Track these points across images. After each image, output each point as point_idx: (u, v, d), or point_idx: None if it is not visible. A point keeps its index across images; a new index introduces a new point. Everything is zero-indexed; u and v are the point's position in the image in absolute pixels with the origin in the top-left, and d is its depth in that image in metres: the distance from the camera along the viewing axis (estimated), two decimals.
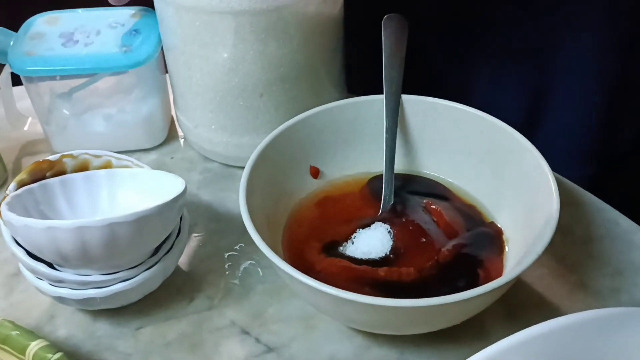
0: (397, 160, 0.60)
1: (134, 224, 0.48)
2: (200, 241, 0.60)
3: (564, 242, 0.59)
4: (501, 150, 0.56)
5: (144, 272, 0.52)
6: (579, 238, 0.59)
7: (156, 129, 0.70)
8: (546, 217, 0.49)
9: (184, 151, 0.70)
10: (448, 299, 0.44)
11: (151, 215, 0.49)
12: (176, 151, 0.70)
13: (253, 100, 0.62)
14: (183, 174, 0.67)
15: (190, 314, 0.55)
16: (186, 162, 0.69)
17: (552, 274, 0.57)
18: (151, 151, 0.70)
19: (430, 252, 0.53)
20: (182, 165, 0.68)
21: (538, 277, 0.56)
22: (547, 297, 0.55)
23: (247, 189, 0.52)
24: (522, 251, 0.51)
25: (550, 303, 0.54)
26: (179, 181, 0.54)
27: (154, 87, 0.68)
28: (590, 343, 0.38)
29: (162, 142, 0.71)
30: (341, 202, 0.59)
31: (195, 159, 0.69)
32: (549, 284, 0.56)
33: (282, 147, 0.57)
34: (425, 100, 0.59)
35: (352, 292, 0.44)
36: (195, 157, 0.69)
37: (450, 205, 0.57)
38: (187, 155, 0.69)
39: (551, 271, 0.57)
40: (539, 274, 0.56)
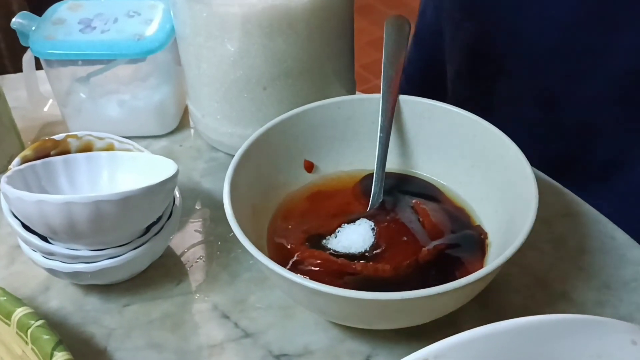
0: (392, 160, 0.61)
1: (119, 203, 0.50)
2: (195, 227, 0.62)
3: (556, 253, 0.59)
4: (492, 155, 0.56)
5: (132, 251, 0.54)
6: (572, 249, 0.59)
7: (167, 116, 0.72)
8: (523, 224, 0.49)
9: (193, 140, 0.72)
10: (409, 295, 0.45)
11: (136, 196, 0.51)
12: (186, 140, 0.72)
13: (257, 93, 0.63)
14: (189, 162, 0.69)
15: (176, 296, 0.57)
16: (194, 150, 0.71)
17: (538, 283, 0.56)
18: (162, 138, 0.72)
19: (411, 251, 0.53)
20: (190, 153, 0.70)
21: (523, 285, 0.56)
22: (529, 306, 0.55)
23: (233, 177, 0.53)
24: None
25: (530, 311, 0.54)
26: (173, 166, 0.56)
27: (168, 76, 0.71)
28: (534, 349, 0.38)
29: (174, 130, 0.73)
30: (332, 197, 0.60)
31: (202, 148, 0.71)
32: (532, 293, 0.56)
33: (276, 139, 0.58)
34: (422, 101, 0.59)
35: (319, 283, 0.46)
36: (203, 146, 0.71)
37: (439, 206, 0.58)
38: (196, 144, 0.71)
39: (538, 280, 0.57)
40: (525, 282, 0.56)
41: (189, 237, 0.62)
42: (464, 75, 0.77)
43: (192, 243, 0.61)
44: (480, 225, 0.56)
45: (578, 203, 0.63)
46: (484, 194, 0.57)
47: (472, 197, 0.58)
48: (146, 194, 0.52)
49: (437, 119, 0.59)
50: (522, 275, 0.57)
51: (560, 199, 0.64)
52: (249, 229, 0.52)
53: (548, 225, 0.61)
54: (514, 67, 0.70)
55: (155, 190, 0.53)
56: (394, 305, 0.46)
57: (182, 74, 0.70)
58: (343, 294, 0.45)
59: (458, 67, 0.77)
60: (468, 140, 0.58)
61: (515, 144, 0.55)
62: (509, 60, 0.70)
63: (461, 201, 0.59)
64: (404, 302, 0.45)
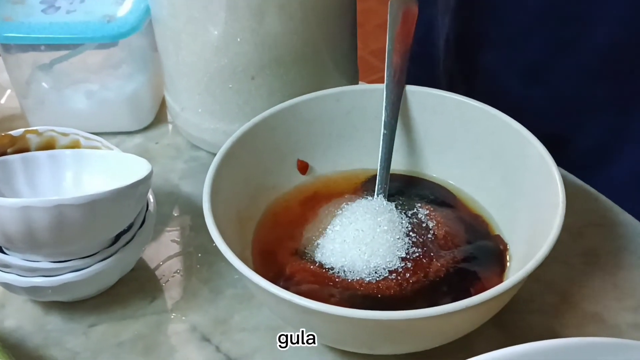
0: (399, 160, 0.62)
1: (85, 207, 0.51)
2: (172, 236, 0.64)
3: (586, 267, 0.59)
4: (513, 155, 0.57)
5: (99, 263, 0.55)
6: (605, 264, 0.60)
7: (142, 110, 0.73)
8: (547, 234, 0.50)
9: (171, 137, 0.73)
10: (416, 314, 0.45)
11: (105, 200, 0.52)
12: (163, 137, 0.74)
13: (244, 83, 0.64)
14: (166, 161, 0.71)
15: (149, 314, 0.58)
16: (172, 149, 0.72)
17: (566, 301, 0.57)
18: (136, 134, 0.74)
19: (419, 265, 0.54)
20: (167, 152, 0.72)
21: (548, 304, 0.57)
22: (554, 328, 0.55)
23: (214, 179, 0.54)
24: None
25: (556, 334, 0.55)
26: (147, 167, 0.57)
27: (142, 64, 0.72)
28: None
29: (149, 125, 0.74)
30: (329, 202, 0.60)
31: (182, 147, 0.72)
32: (559, 314, 0.56)
33: (265, 136, 0.59)
34: (432, 92, 0.60)
35: (312, 300, 0.46)
36: (182, 144, 0.72)
37: (453, 213, 0.59)
38: (174, 141, 0.73)
39: (565, 298, 0.57)
40: (550, 301, 0.57)
41: (164, 247, 0.63)
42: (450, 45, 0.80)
43: (168, 255, 0.62)
44: (500, 235, 0.57)
45: (613, 210, 0.64)
46: (504, 199, 0.58)
47: (490, 203, 0.59)
48: (116, 198, 0.53)
49: (450, 112, 0.60)
50: (546, 293, 0.58)
51: (592, 205, 0.64)
52: (233, 239, 0.53)
53: (578, 236, 0.61)
54: (498, 36, 0.73)
55: (126, 194, 0.54)
56: (399, 326, 0.47)
57: (158, 61, 0.71)
58: (339, 312, 0.46)
59: (446, 36, 0.80)
60: (485, 138, 0.59)
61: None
62: (493, 28, 0.73)
63: (478, 207, 0.60)
64: (409, 323, 0.46)
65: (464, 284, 0.54)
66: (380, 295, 0.53)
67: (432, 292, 0.53)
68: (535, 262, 0.48)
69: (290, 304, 0.47)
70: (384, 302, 0.52)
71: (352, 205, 0.58)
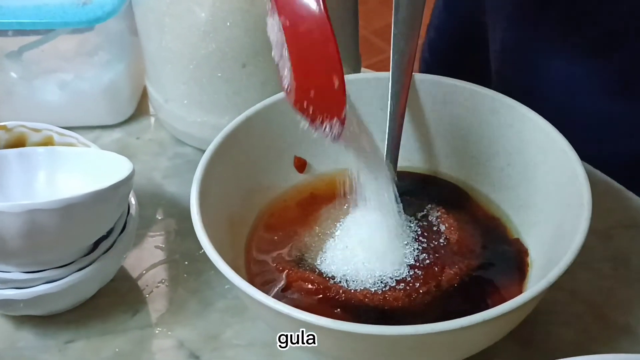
0: (407, 156, 0.62)
1: (60, 212, 0.51)
2: (156, 242, 0.63)
3: (616, 274, 0.59)
4: (534, 151, 0.57)
5: (75, 273, 0.55)
6: (637, 269, 0.59)
7: (121, 101, 0.73)
8: (572, 238, 0.50)
9: (153, 131, 0.73)
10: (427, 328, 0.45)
11: (82, 204, 0.51)
12: (144, 131, 0.73)
13: (234, 71, 0.64)
14: (149, 159, 0.70)
15: (131, 329, 0.57)
16: (155, 144, 0.72)
17: (594, 313, 0.57)
18: (115, 129, 0.73)
19: (430, 273, 0.54)
20: (150, 148, 0.71)
21: (574, 315, 0.57)
22: (581, 342, 0.55)
23: (203, 179, 0.54)
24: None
25: (583, 349, 0.55)
26: (128, 165, 0.56)
27: (121, 50, 0.71)
28: None
29: (129, 118, 0.74)
30: (330, 204, 0.60)
31: (165, 142, 0.72)
32: (586, 326, 0.56)
33: (258, 131, 0.59)
34: (443, 81, 0.60)
35: (312, 314, 0.46)
36: (166, 139, 0.72)
37: (467, 216, 0.59)
38: (157, 136, 0.72)
39: (592, 309, 0.57)
40: (576, 313, 0.57)
41: (148, 255, 0.62)
42: (507, 52, 0.77)
43: (151, 263, 0.62)
44: (519, 238, 0.57)
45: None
46: (523, 199, 0.58)
47: (509, 204, 0.59)
48: (94, 201, 0.52)
49: (463, 103, 0.60)
50: (572, 304, 0.57)
51: (622, 205, 0.64)
52: (224, 245, 0.53)
53: (606, 240, 0.61)
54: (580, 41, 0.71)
55: (105, 196, 0.53)
56: (407, 342, 0.47)
57: (139, 47, 0.70)
58: (342, 327, 0.45)
59: (501, 41, 0.77)
60: (503, 131, 0.59)
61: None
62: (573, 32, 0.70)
63: (494, 209, 0.59)
64: (419, 339, 0.46)
65: (480, 294, 0.54)
66: (386, 308, 0.52)
67: (445, 304, 0.53)
68: (559, 269, 0.47)
69: (289, 318, 0.47)
70: (391, 315, 0.52)
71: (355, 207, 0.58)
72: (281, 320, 0.49)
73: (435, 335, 0.45)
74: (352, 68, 0.70)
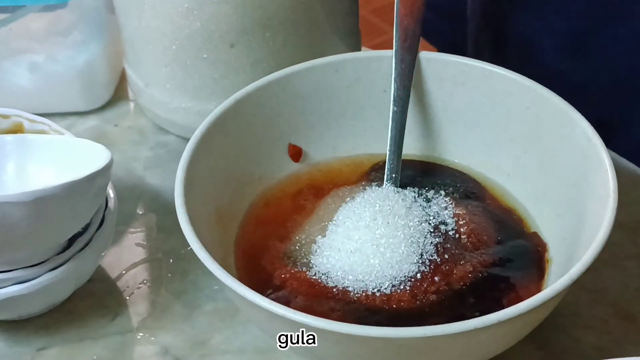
0: (413, 143, 0.62)
1: (31, 206, 0.51)
2: (137, 239, 0.64)
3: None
4: (552, 136, 0.57)
5: (49, 273, 0.55)
6: None
7: (97, 85, 0.73)
8: (595, 231, 0.50)
9: (133, 118, 0.73)
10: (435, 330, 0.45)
11: (55, 197, 0.51)
12: (123, 118, 0.73)
13: (221, 52, 0.64)
14: (128, 148, 0.70)
15: (111, 335, 0.58)
16: (134, 132, 0.72)
17: (619, 314, 0.57)
18: (90, 115, 0.73)
19: (440, 271, 0.54)
20: (129, 136, 0.72)
21: (597, 317, 0.57)
22: (605, 346, 0.56)
23: (188, 169, 0.54)
24: None
25: (607, 353, 0.55)
26: (105, 154, 0.56)
27: (97, 29, 0.72)
28: None
29: (106, 104, 0.74)
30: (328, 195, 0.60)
31: (146, 130, 0.72)
32: (610, 328, 0.56)
33: (248, 116, 0.59)
34: (452, 60, 0.60)
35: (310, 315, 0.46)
36: (147, 126, 0.72)
37: (481, 207, 0.59)
38: (137, 123, 0.73)
39: (618, 311, 0.57)
40: (599, 314, 0.57)
41: (128, 253, 0.63)
42: (477, 5, 0.79)
43: (132, 261, 0.62)
44: (537, 232, 0.57)
45: None
46: (541, 189, 0.58)
47: (525, 195, 0.59)
48: (68, 194, 0.52)
49: (474, 84, 0.60)
50: (595, 304, 0.58)
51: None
52: (212, 241, 0.53)
53: (633, 234, 0.61)
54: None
55: (80, 188, 0.53)
56: (415, 346, 0.47)
57: (117, 26, 0.70)
58: (343, 329, 0.45)
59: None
60: (519, 115, 0.59)
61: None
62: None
63: (510, 200, 0.60)
64: (428, 341, 0.45)
65: (495, 293, 0.54)
66: (391, 309, 0.52)
67: (456, 305, 0.53)
68: (582, 265, 0.47)
69: (285, 320, 0.47)
70: (397, 317, 0.52)
71: (356, 198, 0.58)
72: (277, 322, 0.49)
73: (446, 337, 0.45)
74: (351, 46, 0.70)
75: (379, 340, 0.46)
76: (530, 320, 0.49)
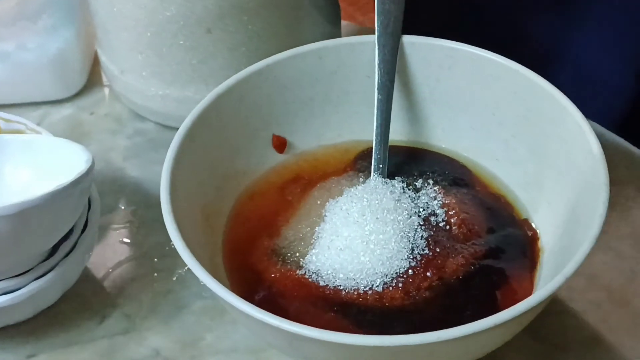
0: (399, 129, 0.63)
1: (14, 219, 0.51)
2: (121, 236, 0.64)
3: (637, 253, 0.60)
4: (542, 121, 0.58)
5: (35, 282, 0.55)
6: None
7: (70, 73, 0.73)
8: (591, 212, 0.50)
9: (109, 105, 0.73)
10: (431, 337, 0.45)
11: (38, 207, 0.51)
12: (99, 105, 0.73)
13: (198, 38, 0.64)
14: (106, 138, 0.70)
15: (99, 338, 0.58)
16: (111, 120, 0.72)
17: (613, 299, 0.58)
18: (65, 104, 0.73)
19: (432, 264, 0.54)
20: (106, 125, 0.71)
21: (592, 303, 0.58)
22: (601, 333, 0.56)
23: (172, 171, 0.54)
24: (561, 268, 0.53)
25: (604, 341, 0.56)
26: (85, 156, 0.56)
27: (68, 14, 0.71)
28: None
29: (80, 91, 0.74)
30: (315, 186, 0.60)
31: (123, 117, 0.72)
32: (606, 315, 0.57)
33: (230, 111, 0.59)
34: (437, 44, 0.60)
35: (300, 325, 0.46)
36: (123, 113, 0.72)
37: (470, 195, 0.59)
38: (113, 110, 0.72)
39: (612, 296, 0.58)
40: (594, 299, 0.58)
41: (111, 251, 0.63)
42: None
43: (117, 260, 0.62)
44: (529, 220, 0.58)
45: None
46: (531, 175, 0.59)
47: (515, 181, 0.60)
48: (52, 202, 0.52)
49: (461, 68, 0.60)
50: (589, 290, 0.58)
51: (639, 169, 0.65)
52: (200, 244, 0.54)
53: (624, 213, 0.62)
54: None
55: (63, 196, 0.53)
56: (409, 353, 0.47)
57: (89, 10, 0.70)
58: (334, 339, 0.46)
59: None
60: (507, 100, 0.59)
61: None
62: None
63: (500, 185, 0.60)
64: (423, 348, 0.46)
65: (488, 286, 0.54)
66: (384, 307, 0.53)
67: (449, 300, 0.53)
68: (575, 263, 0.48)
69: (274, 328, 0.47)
70: (391, 315, 0.53)
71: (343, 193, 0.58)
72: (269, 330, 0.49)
73: (442, 343, 0.46)
74: (333, 25, 0.70)
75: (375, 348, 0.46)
76: (526, 319, 0.50)
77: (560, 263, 0.53)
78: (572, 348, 0.56)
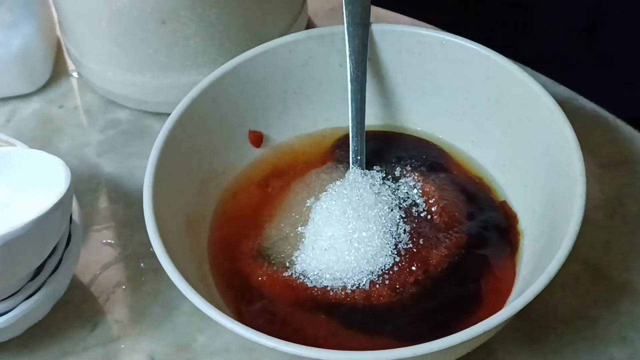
0: (375, 113, 0.64)
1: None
2: (103, 237, 0.64)
3: (611, 223, 0.62)
4: (514, 105, 0.59)
5: (24, 302, 0.56)
6: (635, 215, 0.62)
7: (35, 66, 0.73)
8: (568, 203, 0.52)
9: (78, 96, 0.73)
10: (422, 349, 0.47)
11: (23, 236, 0.52)
12: (67, 97, 0.73)
13: (152, 28, 0.65)
14: (78, 132, 0.71)
15: (92, 347, 0.59)
16: (81, 113, 0.72)
17: (591, 271, 0.60)
18: (32, 98, 0.73)
19: (417, 257, 0.56)
20: (76, 118, 0.72)
21: (570, 276, 0.59)
22: (583, 306, 0.58)
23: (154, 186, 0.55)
24: (541, 253, 0.55)
25: (585, 316, 0.58)
26: (63, 171, 0.56)
27: (27, 7, 0.71)
28: None
29: (46, 83, 0.74)
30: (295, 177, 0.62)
31: (93, 109, 0.72)
32: (584, 288, 0.59)
33: (205, 113, 0.60)
34: (407, 30, 0.61)
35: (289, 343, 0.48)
36: (93, 105, 0.72)
37: (449, 179, 0.61)
38: (83, 102, 0.73)
39: (589, 268, 0.60)
40: (572, 272, 0.59)
41: (96, 254, 0.63)
42: None
43: (102, 263, 0.63)
44: (507, 202, 0.60)
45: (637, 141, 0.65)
46: (507, 158, 0.60)
47: (491, 163, 0.61)
48: (36, 228, 0.53)
49: (432, 53, 0.62)
50: (568, 263, 0.58)
51: (611, 136, 0.66)
52: (186, 254, 0.55)
53: (598, 181, 0.63)
54: None
55: (47, 220, 0.53)
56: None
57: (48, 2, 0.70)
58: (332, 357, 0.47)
59: None
60: (480, 84, 0.61)
61: None
62: None
63: (477, 168, 0.62)
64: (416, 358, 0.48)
65: (473, 274, 0.56)
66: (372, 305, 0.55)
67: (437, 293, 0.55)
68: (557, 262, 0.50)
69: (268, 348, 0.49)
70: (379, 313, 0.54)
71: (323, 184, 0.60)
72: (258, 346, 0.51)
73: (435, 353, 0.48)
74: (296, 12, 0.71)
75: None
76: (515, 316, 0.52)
77: (540, 249, 0.55)
78: (557, 325, 0.57)
